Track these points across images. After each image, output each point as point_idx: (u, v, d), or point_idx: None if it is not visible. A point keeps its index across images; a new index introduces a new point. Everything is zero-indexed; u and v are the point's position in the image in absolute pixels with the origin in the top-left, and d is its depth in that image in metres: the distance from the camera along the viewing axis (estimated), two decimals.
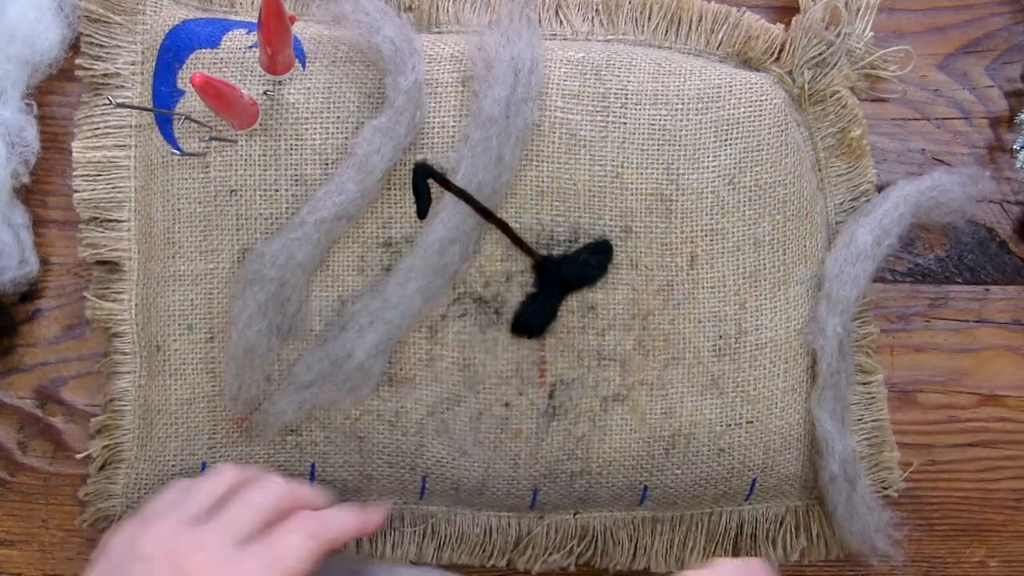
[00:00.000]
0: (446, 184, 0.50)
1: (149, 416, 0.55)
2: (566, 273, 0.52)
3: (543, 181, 0.52)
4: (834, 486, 0.55)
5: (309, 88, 0.52)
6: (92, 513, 0.56)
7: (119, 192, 0.55)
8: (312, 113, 0.52)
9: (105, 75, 0.55)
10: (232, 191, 0.53)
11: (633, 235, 0.53)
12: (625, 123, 0.52)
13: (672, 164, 0.52)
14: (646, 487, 0.56)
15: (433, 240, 0.50)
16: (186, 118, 0.52)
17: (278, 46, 0.49)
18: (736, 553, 0.57)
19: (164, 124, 0.53)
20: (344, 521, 0.48)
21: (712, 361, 0.54)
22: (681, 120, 0.52)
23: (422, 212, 0.52)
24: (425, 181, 0.52)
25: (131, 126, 0.55)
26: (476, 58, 0.51)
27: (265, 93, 0.52)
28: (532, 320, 0.53)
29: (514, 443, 0.54)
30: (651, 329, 0.53)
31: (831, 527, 0.57)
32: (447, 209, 0.50)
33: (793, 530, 0.57)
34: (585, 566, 0.58)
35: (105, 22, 0.55)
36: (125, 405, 0.55)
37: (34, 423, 0.57)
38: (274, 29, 0.47)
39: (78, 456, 0.56)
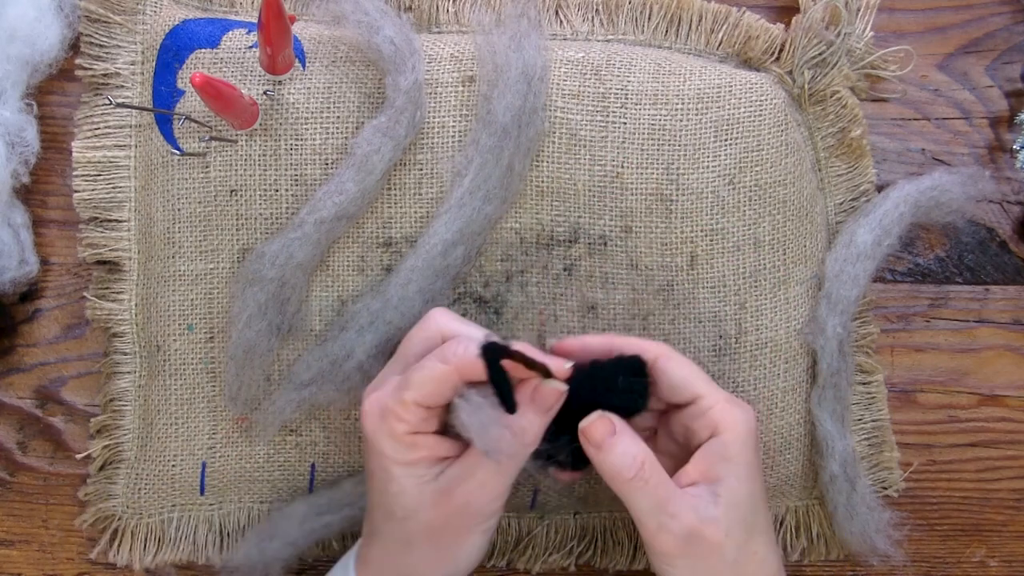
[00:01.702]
0: (516, 357, 0.43)
1: (149, 416, 0.55)
2: (614, 370, 0.46)
3: (543, 181, 0.52)
4: (834, 486, 0.55)
5: (309, 88, 0.52)
6: (92, 513, 0.56)
7: (119, 192, 0.55)
8: (312, 113, 0.52)
9: (105, 75, 0.55)
10: (232, 191, 0.53)
11: (633, 235, 0.53)
12: (625, 123, 0.52)
13: (672, 164, 0.52)
14: None
15: (436, 242, 0.50)
16: (186, 118, 0.52)
17: (278, 46, 0.49)
18: None
19: (164, 124, 0.53)
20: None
21: (712, 361, 0.54)
22: (681, 120, 0.52)
23: (510, 404, 0.43)
24: (500, 366, 0.43)
25: (131, 126, 0.55)
26: (486, 59, 0.51)
27: (265, 93, 0.52)
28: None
29: None
30: (651, 329, 0.53)
31: (831, 527, 0.57)
32: (451, 211, 0.50)
33: (793, 530, 0.57)
34: (585, 566, 0.57)
35: (105, 22, 0.55)
36: (125, 405, 0.55)
37: (34, 423, 0.57)
38: (274, 29, 0.47)
39: (78, 456, 0.56)
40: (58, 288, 0.57)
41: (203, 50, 0.53)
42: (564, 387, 0.44)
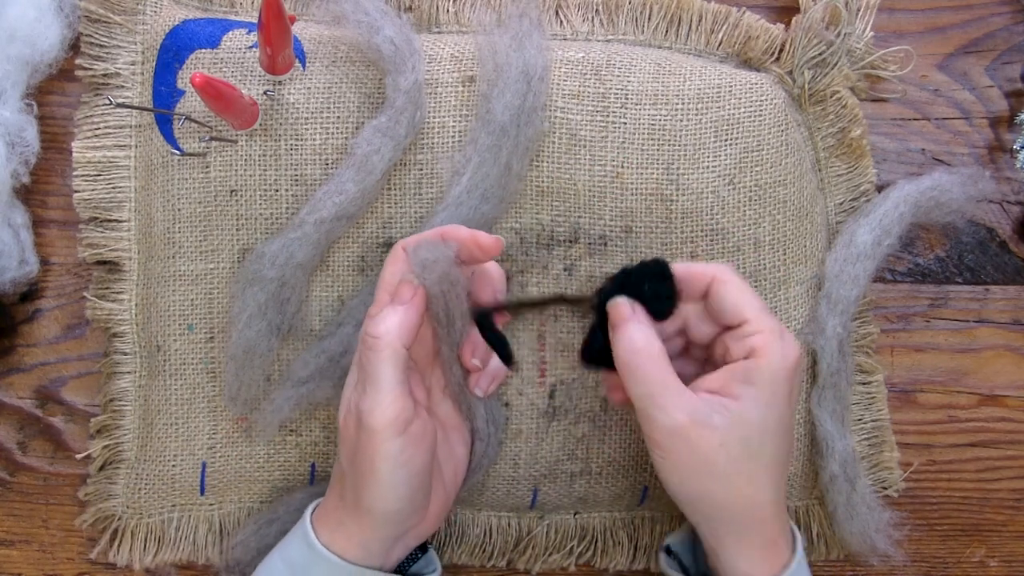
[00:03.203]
0: (506, 308, 0.49)
1: (149, 416, 0.55)
2: (638, 275, 0.47)
3: (543, 181, 0.52)
4: (834, 486, 0.55)
5: (309, 88, 0.52)
6: (92, 513, 0.56)
7: (119, 192, 0.55)
8: (312, 113, 0.52)
9: (105, 75, 0.55)
10: (232, 191, 0.53)
11: (633, 235, 0.53)
12: (625, 123, 0.52)
13: (672, 164, 0.52)
14: (646, 487, 0.56)
15: None
16: (186, 118, 0.52)
17: (278, 46, 0.49)
18: None
19: (164, 124, 0.53)
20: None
21: None
22: (681, 120, 0.52)
23: (507, 357, 0.47)
24: (494, 327, 0.47)
25: (131, 126, 0.55)
26: (486, 59, 0.51)
27: (265, 93, 0.52)
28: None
29: (514, 443, 0.54)
30: None
31: (831, 527, 0.57)
32: (448, 210, 0.50)
33: None
34: (585, 566, 0.58)
35: (105, 22, 0.55)
36: (125, 405, 0.55)
37: (34, 423, 0.57)
38: (274, 29, 0.47)
39: (78, 456, 0.56)
40: (58, 288, 0.57)
41: (203, 50, 0.53)
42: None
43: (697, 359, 0.49)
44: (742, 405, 0.44)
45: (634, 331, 0.45)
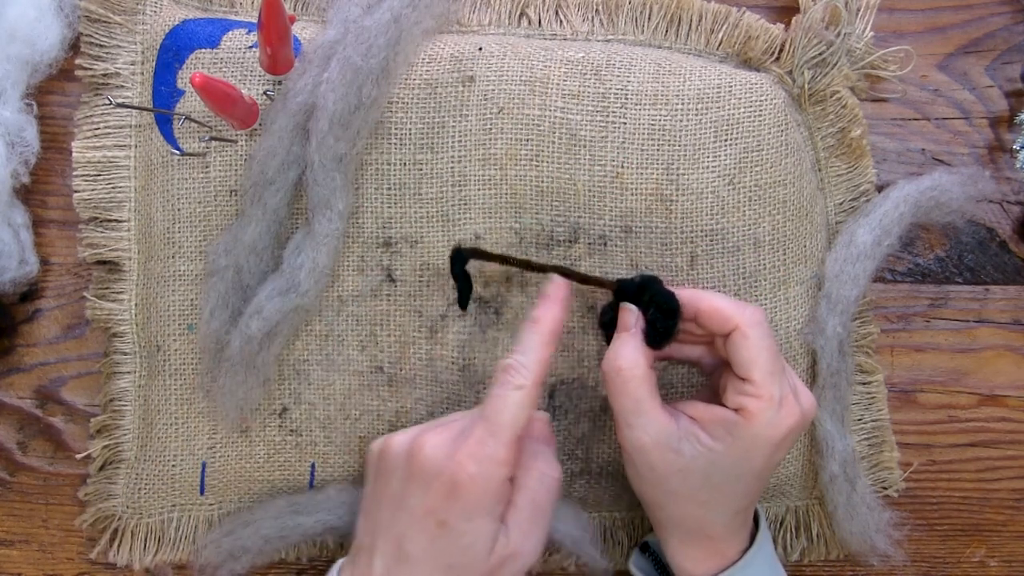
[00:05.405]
0: (486, 257, 0.50)
1: (149, 416, 0.55)
2: (651, 297, 0.48)
3: (543, 181, 0.52)
4: (834, 486, 0.55)
5: None
6: (92, 513, 0.56)
7: (119, 192, 0.55)
8: None
9: (105, 75, 0.55)
10: (232, 191, 0.53)
11: (633, 235, 0.53)
12: (625, 123, 0.52)
13: (672, 164, 0.52)
14: None
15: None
16: (186, 118, 0.52)
17: (278, 46, 0.49)
18: None
19: (164, 124, 0.53)
20: (534, 347, 0.46)
21: None
22: (681, 120, 0.52)
23: (463, 302, 0.50)
24: (464, 268, 0.49)
25: (131, 126, 0.55)
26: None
27: (265, 93, 0.52)
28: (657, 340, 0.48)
29: None
30: None
31: (831, 527, 0.57)
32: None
33: (793, 530, 0.57)
34: (585, 566, 0.57)
35: (105, 22, 0.55)
36: (125, 405, 0.55)
37: (34, 423, 0.57)
38: (274, 29, 0.47)
39: (78, 456, 0.56)
40: (58, 288, 0.57)
41: (203, 50, 0.53)
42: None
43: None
44: (715, 446, 0.46)
45: (622, 348, 0.47)
